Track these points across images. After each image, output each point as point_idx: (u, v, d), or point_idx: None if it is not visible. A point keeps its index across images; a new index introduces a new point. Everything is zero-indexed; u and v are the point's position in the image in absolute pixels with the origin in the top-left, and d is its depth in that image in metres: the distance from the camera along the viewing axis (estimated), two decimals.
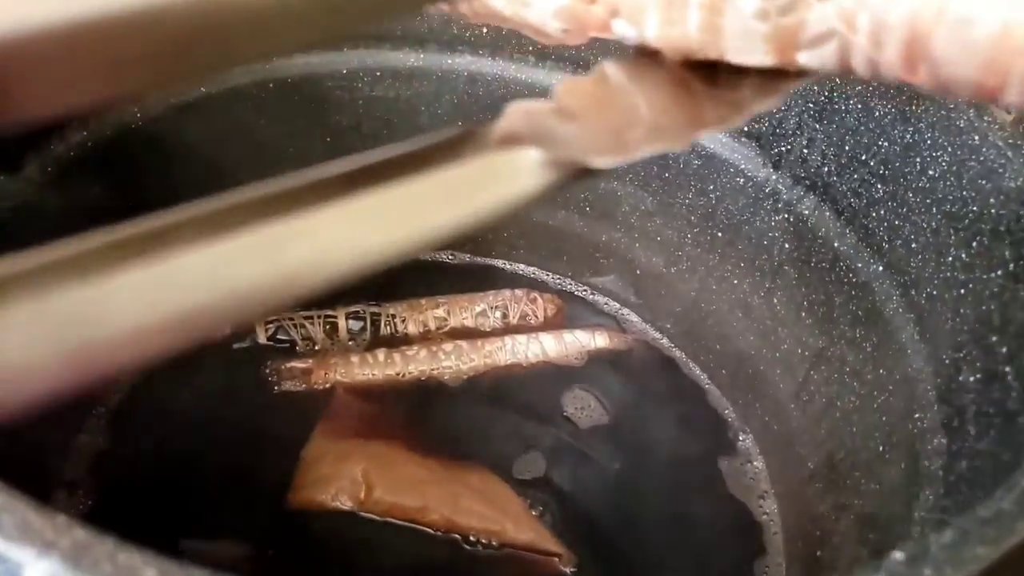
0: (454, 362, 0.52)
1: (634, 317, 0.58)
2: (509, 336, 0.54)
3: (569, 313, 0.57)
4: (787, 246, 0.47)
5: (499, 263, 0.61)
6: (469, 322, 0.55)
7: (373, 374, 0.51)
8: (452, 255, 0.61)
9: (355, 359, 0.51)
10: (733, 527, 0.47)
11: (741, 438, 0.51)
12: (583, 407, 0.51)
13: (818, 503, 0.44)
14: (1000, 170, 0.33)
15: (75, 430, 0.45)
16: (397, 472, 0.45)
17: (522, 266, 0.61)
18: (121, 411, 0.47)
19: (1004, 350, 0.30)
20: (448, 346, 0.53)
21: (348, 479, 0.44)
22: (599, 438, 0.50)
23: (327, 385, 0.50)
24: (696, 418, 0.53)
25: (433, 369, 0.52)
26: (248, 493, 0.43)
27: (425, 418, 0.50)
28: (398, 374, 0.51)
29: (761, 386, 0.50)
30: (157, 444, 0.45)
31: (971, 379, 0.32)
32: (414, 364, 0.52)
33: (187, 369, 0.47)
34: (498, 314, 0.56)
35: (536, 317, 0.56)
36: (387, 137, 0.54)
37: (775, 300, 0.48)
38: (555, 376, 0.53)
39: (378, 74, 0.52)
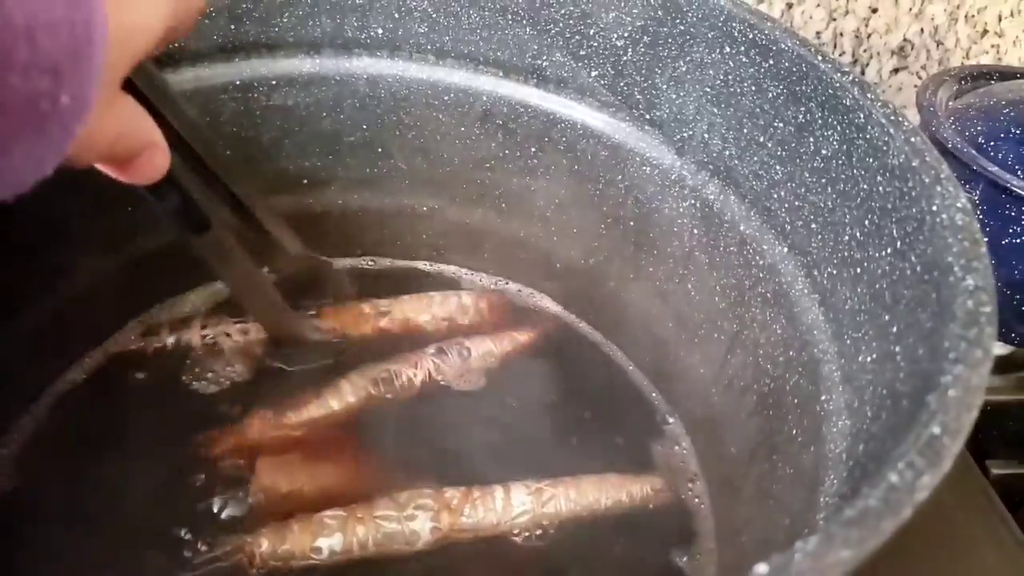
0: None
1: (557, 308, 0.57)
2: (434, 345, 0.52)
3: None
4: (696, 232, 0.47)
5: (422, 264, 0.60)
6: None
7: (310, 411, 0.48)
8: (372, 260, 0.60)
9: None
10: (664, 512, 0.46)
11: (670, 421, 0.51)
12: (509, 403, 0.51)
13: (744, 487, 0.44)
14: (884, 147, 0.33)
15: None
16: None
17: (443, 266, 0.60)
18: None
19: (894, 329, 0.30)
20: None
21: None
22: (528, 433, 0.49)
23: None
24: (623, 404, 0.52)
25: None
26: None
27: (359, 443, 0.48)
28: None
29: (683, 371, 0.50)
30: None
31: (869, 359, 0.32)
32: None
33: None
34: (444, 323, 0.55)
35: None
36: (289, 146, 0.53)
37: (689, 286, 0.48)
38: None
39: (273, 83, 0.51)
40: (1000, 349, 0.62)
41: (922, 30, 0.76)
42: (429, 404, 0.50)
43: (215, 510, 0.42)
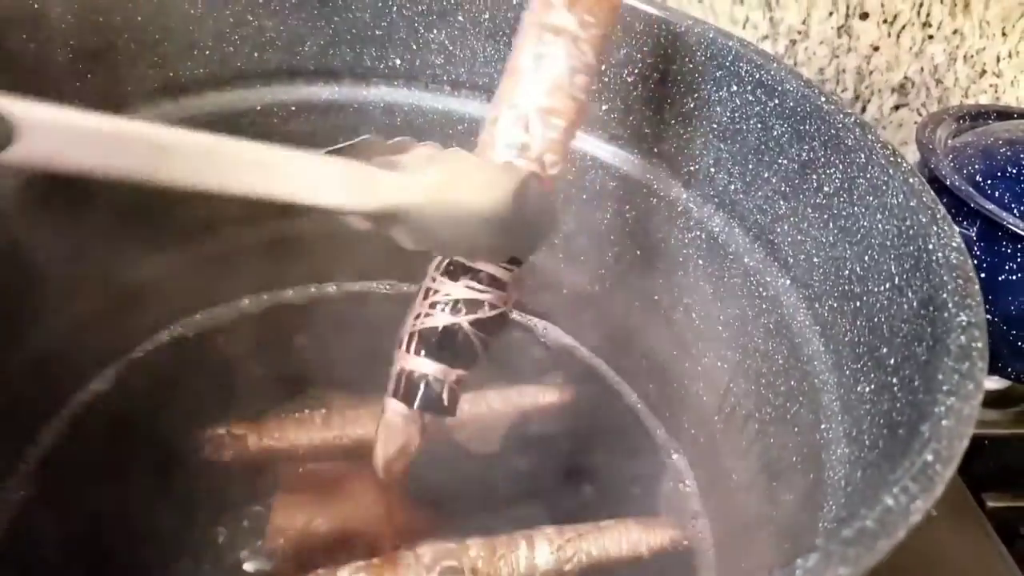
0: None
1: (561, 334, 0.58)
2: None
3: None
4: (701, 262, 0.48)
5: None
6: None
7: (310, 438, 0.48)
8: (390, 285, 0.61)
9: (291, 423, 0.48)
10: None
11: (673, 456, 0.52)
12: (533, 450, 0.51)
13: (743, 515, 0.45)
14: (884, 187, 0.35)
15: None
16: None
17: None
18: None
19: (891, 361, 0.31)
20: None
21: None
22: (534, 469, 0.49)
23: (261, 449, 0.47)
24: (627, 440, 0.53)
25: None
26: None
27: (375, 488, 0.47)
28: (338, 438, 0.48)
29: (686, 400, 0.51)
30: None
31: (867, 390, 0.34)
32: (353, 427, 0.49)
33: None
34: None
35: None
36: None
37: (693, 315, 0.49)
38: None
39: (293, 109, 0.52)
40: (996, 384, 0.63)
41: (922, 69, 0.78)
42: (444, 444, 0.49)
43: (240, 557, 0.43)
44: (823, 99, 0.39)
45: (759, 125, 0.43)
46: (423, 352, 0.38)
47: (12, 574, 0.41)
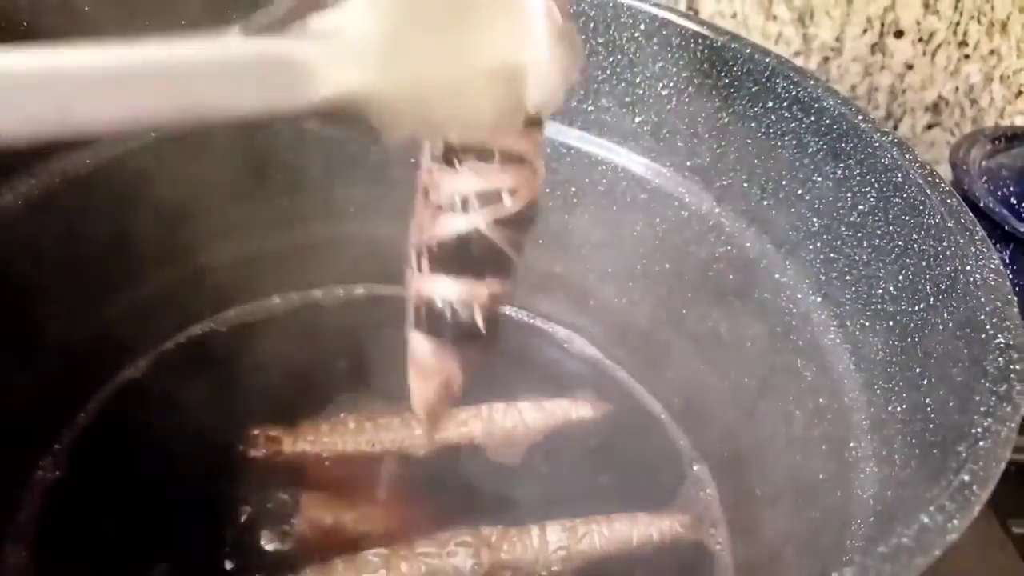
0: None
1: (586, 345, 0.58)
2: (486, 405, 0.51)
3: (523, 343, 0.58)
4: (731, 277, 0.48)
5: None
6: None
7: (344, 444, 0.48)
8: None
9: (325, 427, 0.49)
10: (685, 556, 0.47)
11: (695, 467, 0.52)
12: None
13: (766, 530, 0.45)
14: (921, 207, 0.35)
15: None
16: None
17: None
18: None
19: (925, 382, 0.31)
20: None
21: None
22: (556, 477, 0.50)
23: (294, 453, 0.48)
24: (652, 448, 0.53)
25: (406, 439, 0.49)
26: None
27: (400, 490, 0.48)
28: (370, 443, 0.49)
29: (712, 413, 0.51)
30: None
31: (898, 409, 0.33)
32: (386, 433, 0.49)
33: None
34: None
35: None
36: (338, 174, 0.55)
37: (722, 330, 0.49)
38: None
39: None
40: None
41: (957, 88, 0.78)
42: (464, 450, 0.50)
43: (261, 543, 0.43)
44: (860, 117, 0.39)
45: (794, 142, 0.43)
46: (440, 270, 0.30)
47: (45, 552, 0.41)
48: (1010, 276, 0.55)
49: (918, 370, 0.32)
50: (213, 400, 0.47)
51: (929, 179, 0.35)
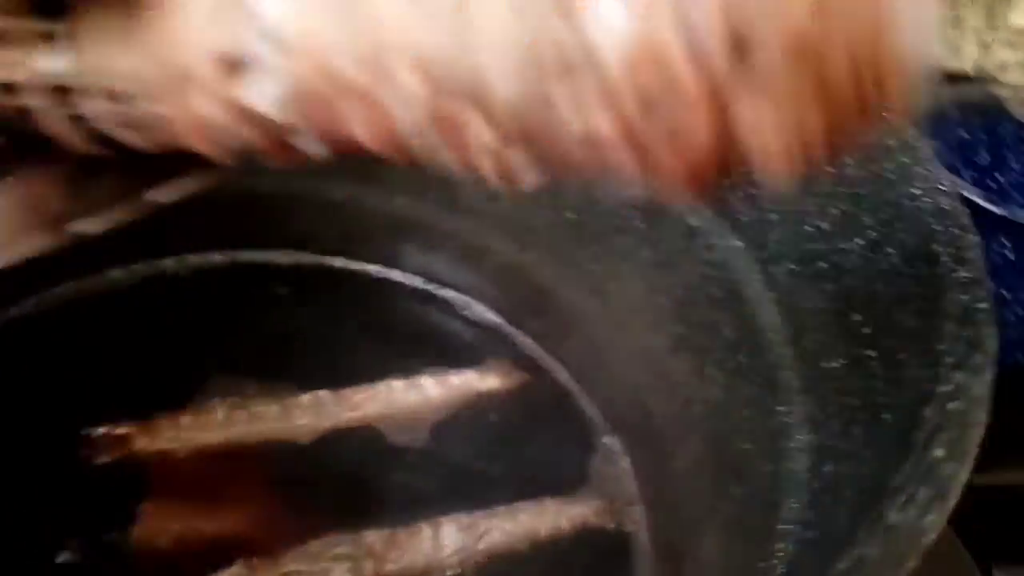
0: (312, 419, 0.44)
1: (484, 310, 0.53)
2: (383, 383, 0.47)
3: (415, 311, 0.53)
4: (640, 224, 0.43)
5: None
6: None
7: (213, 437, 0.43)
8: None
9: (187, 419, 0.43)
10: (599, 543, 0.42)
11: (605, 439, 0.47)
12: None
13: (687, 507, 0.40)
14: None
15: None
16: None
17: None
18: None
19: (867, 330, 0.26)
20: (305, 398, 0.45)
21: None
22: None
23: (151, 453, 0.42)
24: (560, 420, 0.48)
25: (286, 428, 0.44)
26: None
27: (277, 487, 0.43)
28: (244, 435, 0.43)
29: (622, 377, 0.46)
30: None
31: (834, 365, 0.29)
32: (262, 423, 0.44)
33: None
34: None
35: None
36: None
37: (629, 284, 0.45)
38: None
39: None
40: None
41: None
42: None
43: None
44: None
45: None
46: None
47: None
48: None
49: (859, 317, 0.27)
50: (41, 398, 0.41)
51: None
